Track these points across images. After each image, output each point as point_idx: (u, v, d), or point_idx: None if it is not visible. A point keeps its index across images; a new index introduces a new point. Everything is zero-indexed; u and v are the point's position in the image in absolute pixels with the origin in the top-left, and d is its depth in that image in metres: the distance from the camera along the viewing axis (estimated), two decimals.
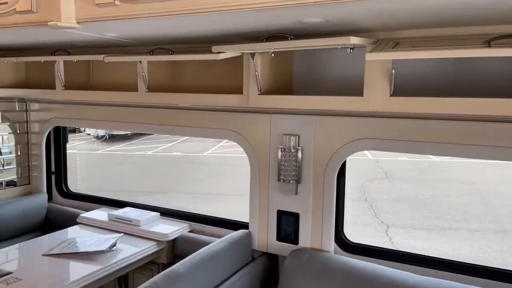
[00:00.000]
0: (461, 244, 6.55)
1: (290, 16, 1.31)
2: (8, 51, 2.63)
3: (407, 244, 6.50)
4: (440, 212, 8.06)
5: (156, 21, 1.39)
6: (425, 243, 6.65)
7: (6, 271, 1.94)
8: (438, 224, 7.49)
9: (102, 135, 15.54)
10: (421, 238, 6.86)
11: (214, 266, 1.95)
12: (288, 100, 1.77)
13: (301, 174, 2.08)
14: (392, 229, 7.15)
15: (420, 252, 2.08)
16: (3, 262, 2.08)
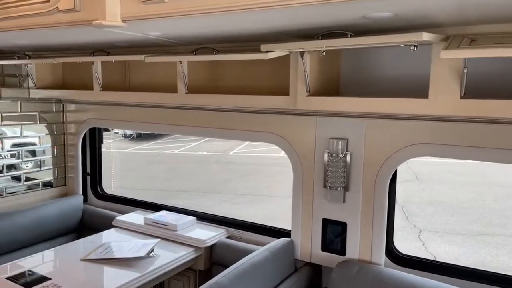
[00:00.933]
0: (499, 251, 6.25)
1: (355, 11, 1.19)
2: (46, 51, 2.61)
3: (442, 250, 6.24)
4: (476, 216, 7.72)
5: (206, 18, 1.30)
6: (460, 249, 6.37)
7: (45, 277, 1.90)
8: (474, 229, 7.17)
9: (130, 134, 15.77)
10: (456, 244, 6.57)
11: (258, 277, 1.85)
12: (342, 102, 1.64)
13: (350, 180, 1.95)
14: (424, 233, 6.89)
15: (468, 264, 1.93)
16: (41, 266, 2.05)
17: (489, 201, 8.39)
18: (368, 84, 1.90)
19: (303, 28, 1.46)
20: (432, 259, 1.99)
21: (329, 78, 1.90)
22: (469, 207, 8.10)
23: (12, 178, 2.90)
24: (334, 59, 1.91)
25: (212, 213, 2.68)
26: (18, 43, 2.16)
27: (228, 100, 1.97)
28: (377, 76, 1.88)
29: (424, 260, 1.96)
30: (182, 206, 2.90)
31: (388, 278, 1.79)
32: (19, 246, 2.54)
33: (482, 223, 7.30)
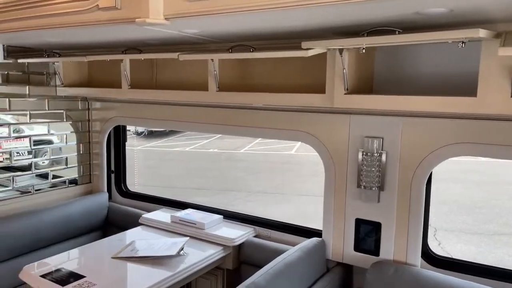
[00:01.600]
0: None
1: (408, 7, 1.16)
2: (74, 49, 2.61)
3: (458, 249, 6.17)
4: (492, 215, 7.62)
5: (251, 16, 1.28)
6: (477, 249, 6.29)
7: (79, 275, 1.90)
8: (490, 229, 7.08)
9: (141, 131, 15.85)
10: (473, 243, 6.49)
11: (292, 277, 1.83)
12: (383, 100, 1.61)
13: (385, 180, 1.92)
14: (440, 232, 6.81)
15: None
16: (74, 264, 2.05)
17: (503, 200, 8.28)
18: (403, 82, 1.86)
19: (348, 25, 1.43)
20: (468, 260, 1.95)
21: (363, 75, 1.87)
22: (484, 206, 8.00)
23: (36, 175, 2.92)
24: (369, 56, 1.88)
25: (239, 212, 2.66)
26: (49, 41, 2.16)
27: (263, 98, 1.95)
28: (412, 74, 1.85)
29: (460, 261, 1.92)
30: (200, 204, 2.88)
31: (426, 279, 1.76)
32: (46, 244, 2.55)
33: (498, 223, 7.21)
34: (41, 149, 2.89)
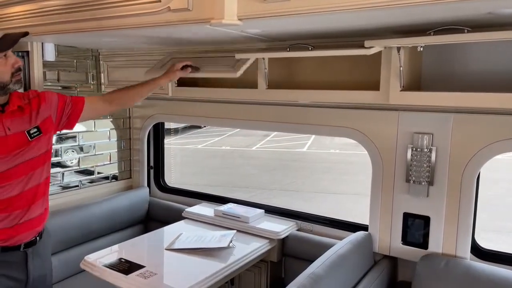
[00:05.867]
0: None
1: (481, 7, 1.21)
2: (121, 50, 2.70)
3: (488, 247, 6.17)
4: (507, 213, 7.60)
5: (330, 16, 1.33)
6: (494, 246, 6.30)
7: (139, 265, 1.98)
8: (506, 226, 7.07)
9: None
10: (489, 240, 6.50)
11: (345, 269, 1.89)
12: (438, 97, 1.66)
13: (434, 175, 1.97)
14: None
15: None
16: (130, 255, 2.13)
17: None
18: (451, 79, 1.91)
19: (414, 24, 1.48)
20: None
21: (414, 72, 1.92)
22: (499, 203, 7.98)
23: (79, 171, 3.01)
24: (418, 53, 1.92)
25: (280, 206, 2.73)
26: (104, 41, 2.24)
27: (314, 96, 2.01)
28: (460, 71, 1.89)
29: (508, 254, 1.97)
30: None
31: (478, 271, 1.82)
32: (95, 236, 2.64)
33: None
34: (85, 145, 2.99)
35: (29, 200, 1.74)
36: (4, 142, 1.64)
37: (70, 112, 1.94)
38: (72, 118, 1.96)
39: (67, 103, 1.93)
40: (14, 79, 1.63)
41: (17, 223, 1.72)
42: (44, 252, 1.90)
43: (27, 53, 2.38)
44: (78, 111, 1.96)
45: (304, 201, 7.87)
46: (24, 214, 1.73)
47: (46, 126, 1.80)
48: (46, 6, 2.01)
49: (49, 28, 2.02)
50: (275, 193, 8.43)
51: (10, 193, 1.68)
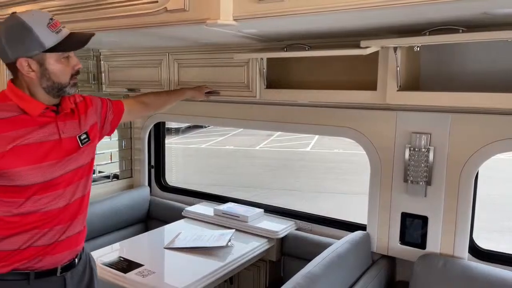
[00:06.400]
0: None
1: (475, 7, 1.21)
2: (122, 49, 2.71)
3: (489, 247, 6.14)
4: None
5: (324, 16, 1.34)
6: (498, 245, 6.27)
7: (138, 263, 2.00)
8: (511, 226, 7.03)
9: None
10: (494, 241, 6.47)
11: (342, 268, 1.90)
12: (438, 96, 1.66)
13: (432, 175, 1.97)
14: None
15: None
16: (129, 253, 2.15)
17: None
18: (450, 79, 1.90)
19: (411, 24, 1.49)
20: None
21: (411, 73, 1.92)
22: (505, 203, 7.94)
23: None
24: (416, 53, 1.92)
25: (279, 206, 2.74)
26: (105, 41, 2.26)
27: (313, 96, 2.01)
28: (459, 71, 1.89)
29: (506, 254, 1.97)
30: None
31: (476, 271, 1.82)
32: (97, 234, 2.66)
33: None
34: None
35: (72, 214, 1.53)
36: (58, 145, 1.46)
37: (112, 116, 1.80)
38: (113, 123, 1.82)
39: (109, 108, 1.79)
40: (72, 81, 1.47)
41: (56, 240, 1.48)
42: (86, 279, 1.63)
43: None
44: (119, 115, 1.84)
45: (306, 200, 7.87)
46: (65, 230, 1.51)
47: (93, 133, 1.63)
48: (48, 7, 2.03)
49: None
50: (277, 193, 8.43)
51: (56, 204, 1.47)
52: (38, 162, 1.40)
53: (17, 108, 1.40)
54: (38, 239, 1.44)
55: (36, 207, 1.42)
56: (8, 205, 1.39)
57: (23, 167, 1.37)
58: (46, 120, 1.45)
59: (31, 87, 1.41)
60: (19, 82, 1.42)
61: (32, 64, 1.37)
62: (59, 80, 1.42)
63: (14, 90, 1.42)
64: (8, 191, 1.38)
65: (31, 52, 1.36)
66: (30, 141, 1.39)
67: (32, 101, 1.42)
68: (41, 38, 1.35)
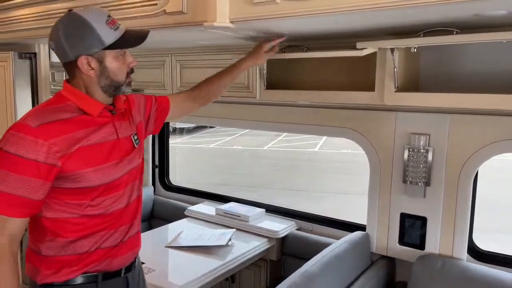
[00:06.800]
0: None
1: (468, 9, 1.22)
2: None
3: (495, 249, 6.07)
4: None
5: (315, 18, 1.35)
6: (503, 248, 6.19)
7: None
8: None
9: None
10: (497, 242, 6.39)
11: (340, 268, 1.91)
12: (434, 98, 1.66)
13: (431, 176, 1.97)
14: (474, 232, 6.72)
15: None
16: None
17: None
18: (449, 80, 1.90)
19: (406, 25, 1.49)
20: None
21: (410, 74, 1.92)
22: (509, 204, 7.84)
23: None
24: (415, 54, 1.93)
25: (280, 206, 2.75)
26: None
27: (313, 96, 2.03)
28: (458, 72, 1.89)
29: (506, 255, 1.96)
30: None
31: (474, 272, 1.81)
32: None
33: None
34: None
35: (132, 214, 1.51)
36: (117, 145, 1.42)
37: (157, 114, 1.72)
38: (158, 121, 1.74)
39: (153, 104, 1.72)
40: (128, 80, 1.42)
41: (121, 241, 1.47)
42: (140, 279, 1.63)
43: (34, 54, 2.46)
44: (164, 112, 1.75)
45: (310, 200, 7.86)
46: (128, 230, 1.49)
47: (140, 133, 1.58)
48: (53, 9, 2.08)
49: None
50: (282, 193, 8.44)
51: (119, 204, 1.44)
52: (102, 162, 1.37)
53: (77, 108, 1.36)
54: (105, 241, 1.42)
55: (101, 208, 1.40)
56: (73, 207, 1.36)
57: (89, 168, 1.33)
58: (104, 120, 1.41)
59: (88, 86, 1.37)
60: (76, 81, 1.38)
61: (91, 62, 1.33)
62: (116, 78, 1.38)
63: (71, 90, 1.38)
64: (74, 193, 1.35)
65: (91, 50, 1.31)
66: (92, 141, 1.35)
67: (92, 100, 1.38)
68: (102, 35, 1.30)
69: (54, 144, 1.26)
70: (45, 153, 1.25)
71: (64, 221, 1.36)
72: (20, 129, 1.26)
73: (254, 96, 2.21)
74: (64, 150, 1.28)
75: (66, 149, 1.29)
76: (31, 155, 1.24)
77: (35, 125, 1.26)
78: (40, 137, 1.25)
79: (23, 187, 1.25)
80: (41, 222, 1.36)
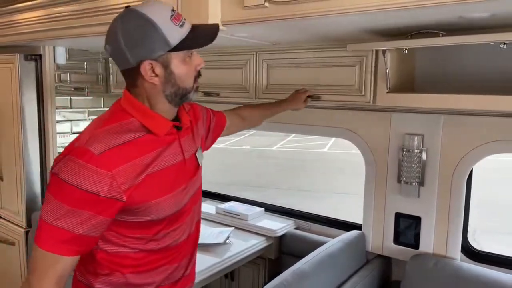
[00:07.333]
0: None
1: (452, 12, 1.24)
2: None
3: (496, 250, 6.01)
4: None
5: (303, 21, 1.39)
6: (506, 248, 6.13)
7: None
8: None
9: None
10: (500, 243, 6.33)
11: (334, 266, 1.93)
12: (424, 98, 1.69)
13: (425, 176, 1.98)
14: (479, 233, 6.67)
15: None
16: None
17: None
18: (445, 80, 1.92)
19: (391, 28, 1.52)
20: (507, 255, 1.99)
21: (405, 74, 1.94)
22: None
23: None
24: (410, 55, 1.94)
25: (280, 205, 2.79)
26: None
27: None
28: (454, 72, 1.90)
29: (499, 255, 1.96)
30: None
31: (466, 272, 1.82)
32: None
33: None
34: None
35: (194, 243, 1.35)
36: (183, 167, 1.24)
37: (214, 129, 1.55)
38: (213, 136, 1.56)
39: (212, 118, 1.54)
40: (195, 85, 1.20)
41: (183, 275, 1.32)
42: None
43: (39, 56, 2.54)
44: (220, 128, 1.59)
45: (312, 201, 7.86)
46: (188, 263, 1.34)
47: (203, 147, 1.41)
48: (57, 12, 2.15)
49: (59, 33, 2.15)
50: (286, 193, 8.46)
51: (183, 235, 1.28)
52: (170, 191, 1.19)
53: (141, 126, 1.15)
54: (166, 277, 1.26)
55: (164, 242, 1.23)
56: (134, 242, 1.19)
57: (156, 199, 1.15)
58: (170, 138, 1.21)
59: (151, 96, 1.16)
60: (138, 91, 1.16)
61: (156, 68, 1.11)
62: (184, 84, 1.16)
63: (134, 104, 1.16)
64: (136, 227, 1.17)
65: (155, 53, 1.10)
66: (159, 167, 1.15)
67: (158, 117, 1.17)
68: (167, 35, 1.09)
69: (119, 175, 1.06)
70: (109, 186, 1.05)
71: (122, 256, 1.19)
72: (80, 155, 1.05)
73: (252, 97, 2.25)
74: (129, 181, 1.08)
75: (132, 179, 1.09)
76: (92, 187, 1.04)
77: (98, 151, 1.05)
78: (103, 166, 1.05)
79: (79, 223, 1.05)
80: (95, 255, 1.19)
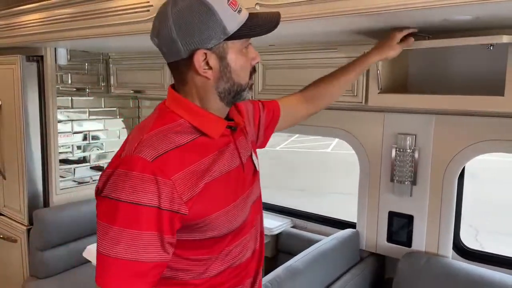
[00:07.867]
0: None
1: (437, 15, 1.27)
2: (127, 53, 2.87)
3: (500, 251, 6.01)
4: None
5: (294, 24, 1.42)
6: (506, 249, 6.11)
7: None
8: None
9: None
10: (500, 243, 6.32)
11: (327, 264, 1.97)
12: (414, 99, 1.72)
13: (417, 175, 2.01)
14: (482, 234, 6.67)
15: None
16: None
17: None
18: (437, 81, 1.95)
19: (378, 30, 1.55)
20: (499, 253, 2.02)
21: (397, 75, 1.97)
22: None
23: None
24: (402, 56, 1.97)
25: (277, 204, 2.82)
26: (109, 46, 2.41)
27: None
28: (446, 73, 1.93)
29: (491, 254, 1.99)
30: None
31: (457, 269, 1.85)
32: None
33: None
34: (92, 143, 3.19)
35: (258, 260, 1.16)
36: (241, 173, 1.08)
37: (266, 123, 1.34)
38: (267, 132, 1.36)
39: (262, 111, 1.33)
40: (250, 82, 1.04)
41: None
42: None
43: (41, 57, 2.59)
44: (274, 121, 1.38)
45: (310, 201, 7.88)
46: (253, 282, 1.14)
47: (254, 149, 1.22)
48: (58, 14, 2.20)
49: (60, 34, 2.21)
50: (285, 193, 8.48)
51: (247, 252, 1.10)
52: (232, 200, 1.02)
53: (192, 128, 0.99)
54: None
55: (227, 262, 1.04)
56: (194, 265, 1.00)
57: (220, 210, 0.98)
58: (225, 140, 1.04)
59: (202, 93, 1.00)
60: (188, 88, 1.00)
61: (210, 59, 0.95)
62: (239, 80, 1.00)
63: (181, 102, 1.00)
64: (196, 248, 0.99)
65: (210, 42, 0.94)
66: (217, 173, 0.99)
67: (212, 117, 1.01)
68: (224, 21, 0.93)
69: (178, 183, 0.90)
70: (169, 196, 0.89)
71: (182, 284, 1.02)
72: (132, 165, 0.89)
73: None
74: (189, 191, 0.92)
75: (192, 187, 0.93)
76: (152, 201, 0.88)
77: (151, 157, 0.89)
78: (159, 174, 0.89)
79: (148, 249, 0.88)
80: None
